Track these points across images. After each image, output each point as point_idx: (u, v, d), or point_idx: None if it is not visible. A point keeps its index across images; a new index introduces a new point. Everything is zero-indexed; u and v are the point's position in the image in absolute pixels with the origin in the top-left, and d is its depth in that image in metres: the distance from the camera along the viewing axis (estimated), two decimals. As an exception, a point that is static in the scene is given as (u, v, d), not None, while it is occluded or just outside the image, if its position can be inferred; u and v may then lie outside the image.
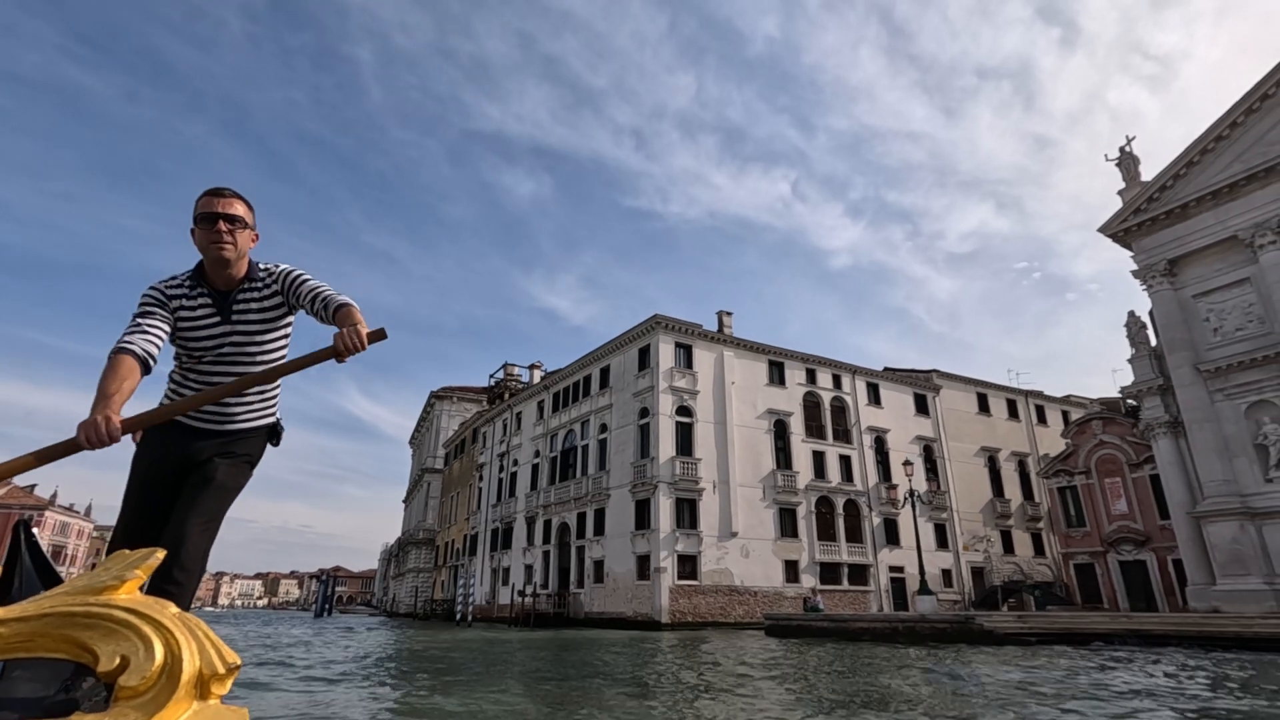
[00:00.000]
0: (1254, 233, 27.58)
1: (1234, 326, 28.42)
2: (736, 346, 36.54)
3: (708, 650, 16.68)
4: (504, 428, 48.73)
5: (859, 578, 35.38)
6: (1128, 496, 33.96)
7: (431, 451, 67.34)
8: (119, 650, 0.82)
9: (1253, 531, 25.96)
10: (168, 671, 0.81)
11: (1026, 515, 43.17)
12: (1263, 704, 7.47)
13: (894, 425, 40.30)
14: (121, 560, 0.93)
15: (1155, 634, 15.96)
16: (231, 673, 0.87)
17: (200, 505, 2.21)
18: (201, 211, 2.25)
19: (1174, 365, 29.48)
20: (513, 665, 12.42)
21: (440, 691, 8.54)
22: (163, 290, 2.30)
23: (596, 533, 35.18)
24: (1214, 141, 29.47)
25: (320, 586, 73.09)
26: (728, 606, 31.10)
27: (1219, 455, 27.49)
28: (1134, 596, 32.69)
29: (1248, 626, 14.70)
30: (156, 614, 0.86)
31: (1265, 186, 27.64)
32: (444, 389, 68.84)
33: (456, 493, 58.31)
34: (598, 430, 37.48)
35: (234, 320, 2.33)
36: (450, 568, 54.39)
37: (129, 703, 0.79)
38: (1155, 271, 30.82)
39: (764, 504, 34.10)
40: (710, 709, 7.32)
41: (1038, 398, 48.47)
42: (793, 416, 36.74)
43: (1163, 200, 30.91)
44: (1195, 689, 8.85)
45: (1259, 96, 28.27)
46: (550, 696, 8.09)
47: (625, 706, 7.23)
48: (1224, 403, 28.04)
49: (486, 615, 43.25)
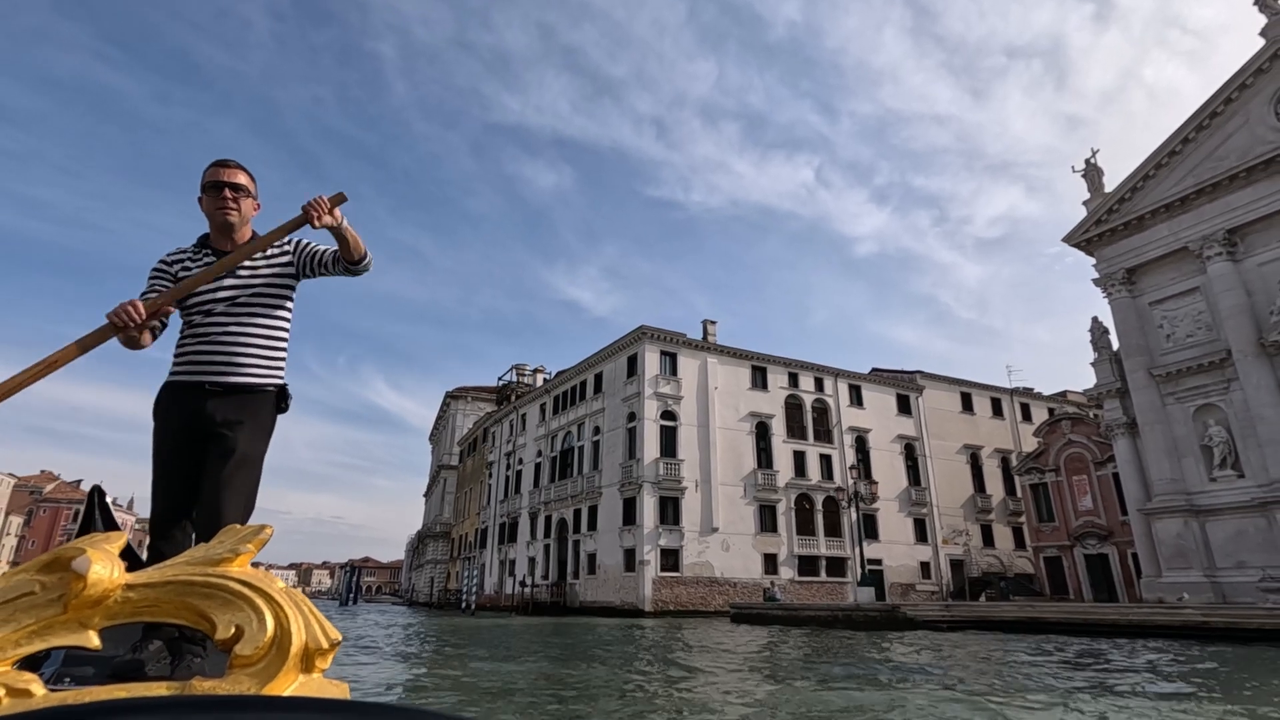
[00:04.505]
0: (1203, 244, 29.07)
1: (1185, 333, 29.96)
2: (720, 353, 38.84)
3: (665, 632, 19.20)
4: (511, 428, 51.69)
5: (837, 570, 37.57)
6: (1093, 493, 35.64)
7: (448, 449, 70.72)
8: (235, 620, 0.86)
9: (1196, 527, 27.69)
10: (277, 643, 0.85)
11: (1008, 510, 44.86)
12: (1016, 678, 9.74)
13: (875, 425, 42.28)
14: (234, 534, 0.98)
15: (1049, 621, 18.10)
16: (334, 648, 0.89)
17: (229, 480, 2.23)
18: (209, 180, 2.40)
19: (1130, 369, 31.12)
20: (486, 642, 15.08)
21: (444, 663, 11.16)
22: (165, 262, 2.47)
23: (590, 528, 37.93)
24: (1168, 156, 30.90)
25: (346, 576, 77.13)
26: (708, 596, 33.59)
27: (1168, 455, 29.17)
28: (1097, 588, 34.43)
29: (1124, 615, 16.76)
30: (267, 587, 0.90)
31: (1213, 200, 29.07)
32: (459, 389, 72.12)
33: (470, 488, 61.57)
34: (592, 432, 40.15)
35: (239, 274, 2.43)
36: (464, 559, 57.66)
37: (243, 670, 0.83)
38: (1115, 280, 32.36)
39: (744, 501, 36.48)
40: (633, 668, 9.83)
41: (1024, 396, 49.98)
42: (774, 418, 38.98)
43: (1122, 211, 32.41)
44: (1016, 662, 11.11)
45: (1209, 114, 29.64)
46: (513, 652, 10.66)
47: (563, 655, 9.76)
48: (1174, 406, 29.67)
49: (494, 604, 46.31)
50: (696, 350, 38.25)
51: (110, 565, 0.86)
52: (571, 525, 40.07)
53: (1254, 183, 27.54)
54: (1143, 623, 16.58)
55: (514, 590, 42.78)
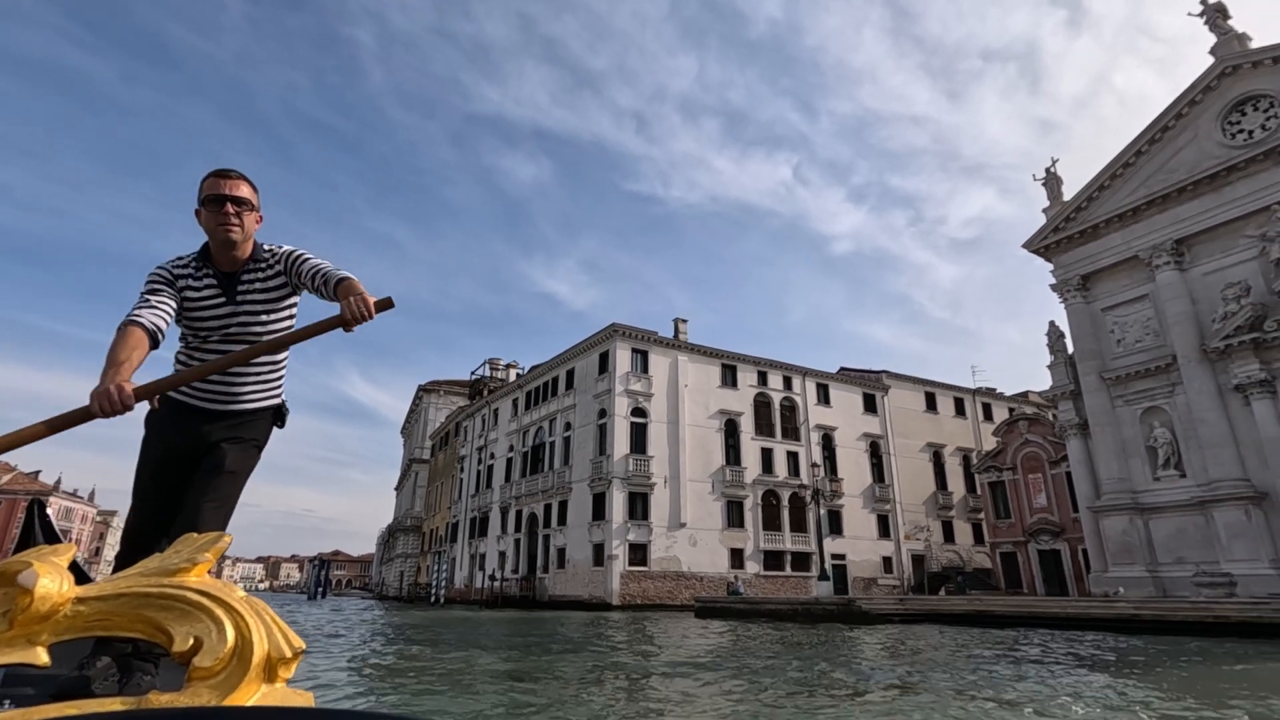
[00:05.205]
0: (1152, 253, 30.24)
1: (1134, 339, 31.17)
2: (691, 351, 39.41)
3: (623, 626, 19.67)
4: (483, 423, 51.78)
5: (801, 564, 38.43)
6: (1047, 491, 36.94)
7: (420, 442, 70.46)
8: (193, 631, 0.83)
9: (1140, 525, 28.91)
10: (238, 654, 0.83)
11: (968, 507, 46.17)
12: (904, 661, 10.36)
13: (842, 423, 43.23)
14: (191, 543, 0.95)
15: (995, 614, 18.95)
16: (297, 657, 0.88)
17: (213, 491, 2.22)
18: (209, 194, 2.28)
19: (1083, 373, 32.28)
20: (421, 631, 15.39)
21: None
22: (169, 270, 2.34)
23: (560, 523, 38.31)
24: (1123, 168, 32.05)
25: (314, 570, 76.51)
26: (675, 590, 34.20)
27: (1116, 456, 30.38)
28: (1049, 582, 35.72)
29: (1064, 608, 17.66)
30: (227, 597, 0.88)
31: (1163, 211, 30.24)
32: (431, 383, 71.81)
33: (441, 482, 61.49)
34: (563, 428, 40.49)
35: (239, 301, 2.36)
36: (434, 554, 57.64)
37: (203, 683, 0.81)
38: (1070, 286, 33.49)
39: (712, 497, 37.14)
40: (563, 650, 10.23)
41: (986, 396, 51.38)
42: (743, 416, 39.68)
43: (1079, 220, 33.53)
44: (941, 646, 11.76)
45: (1161, 128, 30.80)
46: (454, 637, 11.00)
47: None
48: (1123, 408, 30.87)
49: (464, 598, 46.47)
50: (668, 348, 38.76)
51: (59, 579, 0.84)
52: (542, 520, 40.40)
53: (1200, 195, 28.74)
54: (1081, 616, 17.47)
55: (484, 584, 43.03)
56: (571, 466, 38.60)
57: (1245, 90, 27.95)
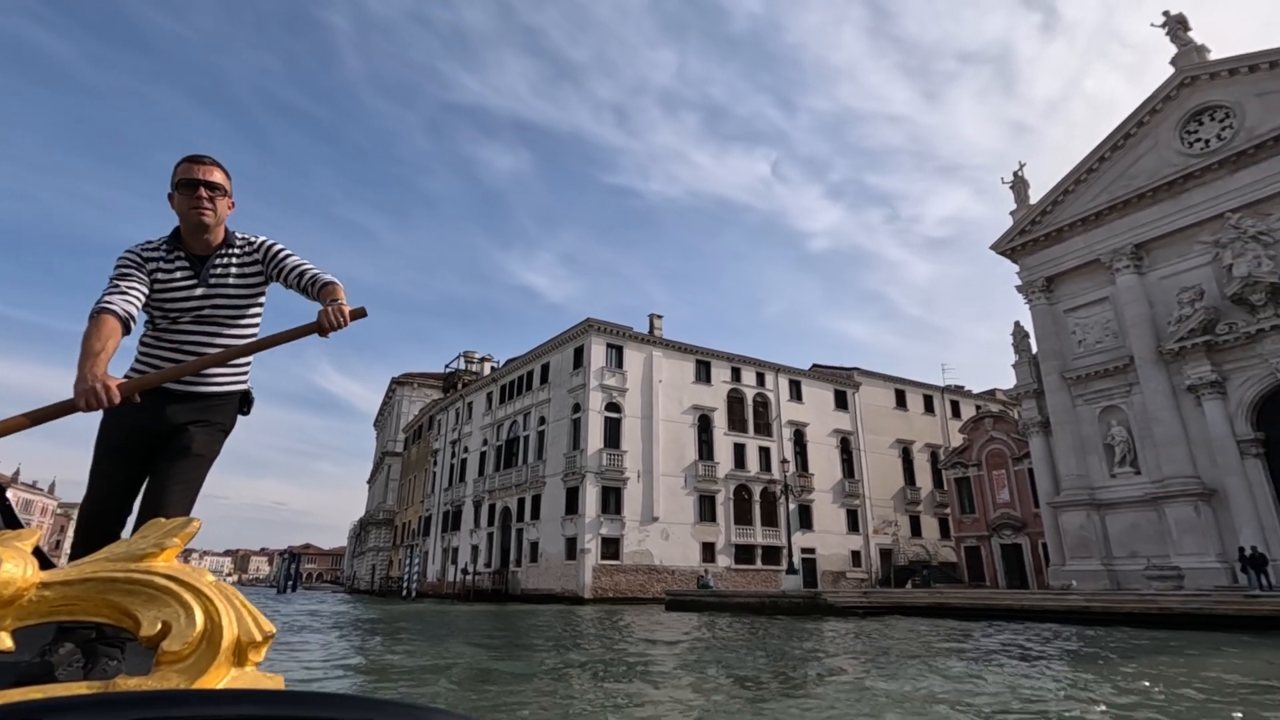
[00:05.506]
0: (1112, 257, 31.12)
1: (1095, 340, 32.07)
2: (666, 347, 39.67)
3: (593, 621, 19.91)
4: (457, 416, 51.58)
5: (772, 558, 39.00)
6: (1010, 487, 37.91)
7: (392, 435, 69.90)
8: (161, 616, 0.83)
9: (1097, 520, 29.85)
10: (208, 638, 0.83)
11: (935, 502, 47.18)
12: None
13: (813, 419, 43.87)
14: (159, 528, 0.94)
15: (954, 607, 19.53)
16: (267, 640, 0.88)
17: (179, 474, 2.20)
18: (182, 178, 2.30)
19: (1046, 372, 33.15)
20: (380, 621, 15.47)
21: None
22: (139, 253, 2.33)
23: (533, 517, 38.41)
24: (1086, 173, 32.90)
25: (284, 563, 75.57)
26: (647, 584, 34.53)
27: (1076, 453, 31.29)
28: (1011, 575, 36.71)
29: (1019, 601, 18.29)
30: (196, 581, 0.88)
31: (1124, 216, 31.12)
32: (405, 375, 71.25)
33: (414, 476, 61.13)
34: (537, 422, 40.54)
35: (211, 284, 2.37)
36: (406, 547, 57.33)
37: (171, 667, 0.80)
38: (1035, 287, 34.33)
39: (685, 491, 37.50)
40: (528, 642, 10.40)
41: (954, 394, 52.46)
42: (716, 411, 40.08)
43: (1044, 223, 34.34)
44: (885, 636, 12.16)
45: (1123, 135, 31.66)
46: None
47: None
48: (1083, 407, 31.78)
49: (437, 591, 46.36)
50: (642, 344, 38.96)
51: (23, 563, 0.84)
52: (515, 514, 40.45)
53: (1159, 202, 29.63)
54: (1035, 608, 18.09)
55: (456, 578, 42.97)
56: (545, 461, 38.69)
57: (1203, 100, 28.84)
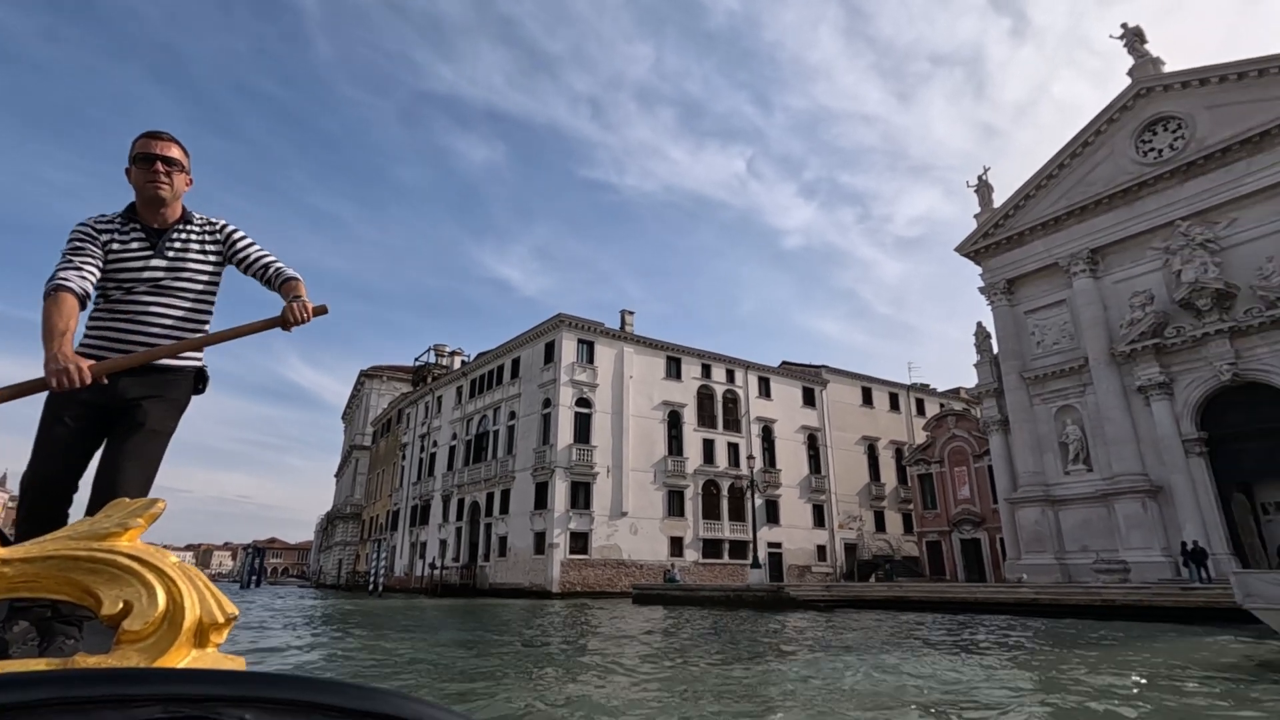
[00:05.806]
0: (1070, 261, 32.08)
1: (1052, 341, 33.05)
2: (637, 343, 39.87)
3: (562, 615, 20.07)
4: (426, 410, 51.19)
5: (739, 553, 39.52)
6: (970, 484, 38.95)
7: (361, 429, 69.06)
8: (122, 595, 0.82)
9: (1051, 515, 30.83)
10: (169, 618, 0.82)
11: (899, 498, 48.22)
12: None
13: (781, 416, 44.48)
14: (123, 508, 0.94)
15: (912, 600, 20.11)
16: (229, 622, 0.87)
17: (134, 451, 2.15)
18: (139, 152, 2.31)
19: (1006, 372, 34.06)
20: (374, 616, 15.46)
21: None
22: (93, 226, 2.32)
23: (502, 511, 38.39)
24: (1047, 179, 33.81)
25: (248, 558, 74.34)
26: (615, 578, 34.77)
27: (1032, 450, 32.26)
28: (970, 569, 37.76)
29: (973, 594, 18.91)
30: (159, 561, 0.87)
31: (1081, 221, 32.08)
32: (374, 368, 70.39)
33: (382, 470, 60.53)
34: (507, 417, 40.48)
35: (169, 257, 2.38)
36: (374, 541, 56.80)
37: (131, 646, 0.80)
38: (997, 289, 35.23)
39: (654, 486, 37.81)
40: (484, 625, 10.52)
41: (920, 391, 53.59)
42: (686, 407, 40.43)
43: (1006, 227, 35.23)
44: (843, 626, 12.54)
45: (1082, 143, 32.60)
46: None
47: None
48: (1040, 406, 32.76)
49: (404, 586, 46.07)
50: (614, 339, 39.11)
51: None
52: (484, 508, 40.37)
53: (1115, 208, 30.62)
54: (988, 600, 18.72)
55: (424, 572, 42.77)
56: (515, 455, 38.66)
57: (1157, 111, 29.85)
